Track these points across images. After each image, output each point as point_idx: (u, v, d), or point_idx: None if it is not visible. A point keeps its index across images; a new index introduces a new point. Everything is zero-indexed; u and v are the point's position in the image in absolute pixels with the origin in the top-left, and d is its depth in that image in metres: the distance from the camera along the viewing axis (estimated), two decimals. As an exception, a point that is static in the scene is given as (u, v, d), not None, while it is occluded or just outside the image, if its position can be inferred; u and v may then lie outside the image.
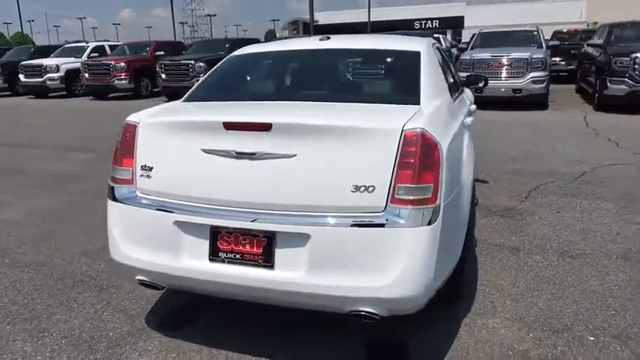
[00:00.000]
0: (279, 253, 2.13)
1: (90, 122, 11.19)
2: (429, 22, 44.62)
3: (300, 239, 2.10)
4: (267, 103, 2.63)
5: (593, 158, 6.21)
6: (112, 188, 2.49)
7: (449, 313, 2.73)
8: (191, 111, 2.65)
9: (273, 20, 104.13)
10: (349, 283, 2.05)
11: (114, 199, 2.47)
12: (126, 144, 2.46)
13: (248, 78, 3.17)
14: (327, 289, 2.07)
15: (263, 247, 2.16)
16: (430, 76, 2.71)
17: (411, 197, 2.03)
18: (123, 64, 14.70)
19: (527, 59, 10.42)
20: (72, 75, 16.10)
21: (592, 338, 2.52)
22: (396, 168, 2.04)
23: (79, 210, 4.75)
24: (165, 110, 2.68)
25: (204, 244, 2.25)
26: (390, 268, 2.03)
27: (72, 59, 16.42)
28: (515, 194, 4.85)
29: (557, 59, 15.11)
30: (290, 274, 2.12)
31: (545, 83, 10.48)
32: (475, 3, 47.37)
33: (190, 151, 2.28)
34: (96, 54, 16.94)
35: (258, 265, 2.17)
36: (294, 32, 48.37)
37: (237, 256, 2.20)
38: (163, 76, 13.76)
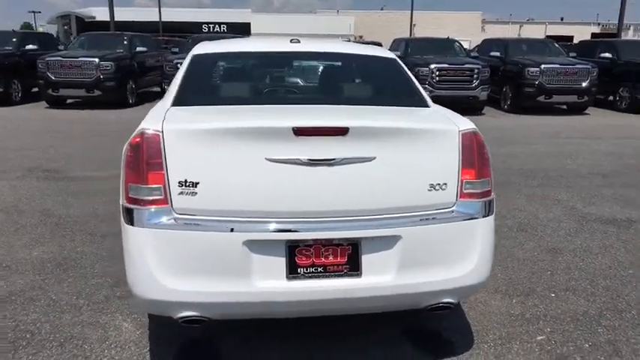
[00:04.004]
0: (366, 260, 2.10)
1: None
2: (217, 26, 44.84)
3: (388, 242, 2.10)
4: (295, 107, 2.47)
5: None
6: (133, 211, 2.04)
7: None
8: (235, 116, 2.27)
9: (33, 12, 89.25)
10: (435, 277, 2.15)
11: (140, 224, 2.02)
12: (149, 157, 2.04)
13: (244, 80, 2.88)
14: (416, 287, 2.13)
15: (348, 256, 2.09)
16: (416, 80, 2.96)
17: (478, 191, 2.24)
18: None
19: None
20: None
21: (553, 295, 3.13)
22: (460, 165, 2.22)
23: None
24: (190, 116, 2.28)
25: (280, 262, 2.04)
26: (468, 257, 2.20)
27: None
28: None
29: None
30: (379, 279, 2.10)
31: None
32: (258, 11, 49.60)
33: (251, 161, 2.03)
34: None
35: (343, 276, 2.09)
36: (66, 27, 42.78)
37: (320, 269, 2.07)
38: None
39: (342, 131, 2.07)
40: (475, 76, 11.63)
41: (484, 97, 11.81)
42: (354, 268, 2.09)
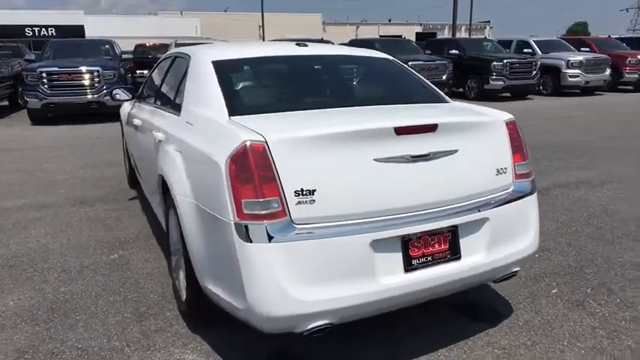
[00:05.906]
0: (463, 243, 2.30)
1: None
2: (44, 29, 40.01)
3: (477, 225, 2.33)
4: (352, 108, 2.56)
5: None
6: (250, 227, 1.95)
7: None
8: (334, 120, 2.30)
9: None
10: (510, 250, 2.45)
11: (261, 239, 1.93)
12: (259, 168, 1.96)
13: (286, 85, 2.78)
14: (500, 261, 2.40)
15: (449, 242, 2.26)
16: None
17: (525, 172, 2.59)
18: None
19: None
20: None
21: (537, 255, 3.67)
22: (511, 151, 2.54)
23: None
24: (280, 124, 2.20)
25: (397, 257, 2.14)
26: (528, 229, 2.55)
27: None
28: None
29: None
30: (474, 259, 2.32)
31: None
32: (91, 13, 45.52)
33: (360, 163, 2.09)
34: None
35: (447, 261, 2.26)
36: None
37: (429, 258, 2.21)
38: None
39: (433, 128, 2.23)
40: (354, 74, 12.42)
41: (363, 93, 12.68)
42: (454, 252, 2.28)
